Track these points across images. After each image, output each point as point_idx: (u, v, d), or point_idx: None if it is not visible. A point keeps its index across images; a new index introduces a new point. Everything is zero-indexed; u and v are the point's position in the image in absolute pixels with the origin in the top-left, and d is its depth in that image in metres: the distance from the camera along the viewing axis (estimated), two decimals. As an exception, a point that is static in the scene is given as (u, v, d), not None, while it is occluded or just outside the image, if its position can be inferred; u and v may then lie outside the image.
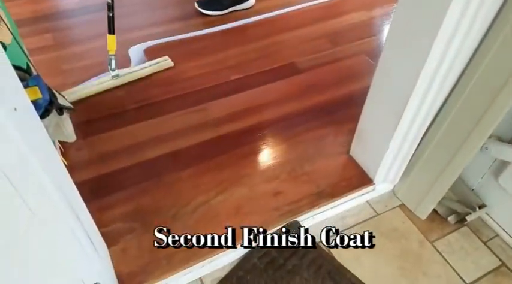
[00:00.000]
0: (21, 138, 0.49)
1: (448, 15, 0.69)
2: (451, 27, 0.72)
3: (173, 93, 1.33)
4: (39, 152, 0.54)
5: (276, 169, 1.14)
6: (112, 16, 1.25)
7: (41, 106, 0.65)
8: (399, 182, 1.12)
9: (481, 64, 0.80)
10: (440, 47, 0.76)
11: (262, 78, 1.42)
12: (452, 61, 0.79)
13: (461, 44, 0.75)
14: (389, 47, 0.88)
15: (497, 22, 0.75)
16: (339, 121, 1.27)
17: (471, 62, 0.82)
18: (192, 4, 1.70)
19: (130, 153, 1.13)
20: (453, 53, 0.77)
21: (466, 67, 0.83)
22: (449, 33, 0.73)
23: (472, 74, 0.82)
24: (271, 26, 1.65)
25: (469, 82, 0.83)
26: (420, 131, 0.96)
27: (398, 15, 0.81)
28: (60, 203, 0.61)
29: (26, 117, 0.53)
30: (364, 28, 1.65)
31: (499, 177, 1.00)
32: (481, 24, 0.74)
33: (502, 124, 0.92)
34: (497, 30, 0.75)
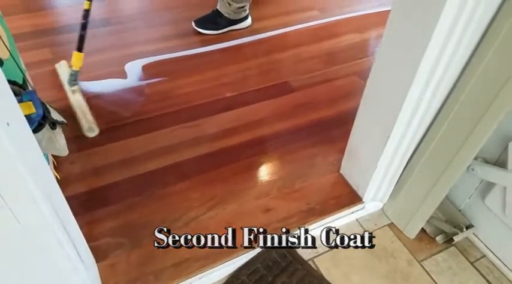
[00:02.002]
0: (13, 151, 0.50)
1: (433, 42, 0.73)
2: (436, 53, 0.75)
3: (168, 108, 1.35)
4: (30, 165, 0.55)
5: (267, 186, 1.15)
6: (83, 35, 1.32)
7: (34, 120, 0.66)
8: (388, 201, 1.14)
9: (466, 87, 0.83)
10: (426, 71, 0.79)
11: (256, 95, 1.45)
12: (438, 85, 0.82)
13: (445, 69, 0.78)
14: (377, 69, 0.91)
15: (480, 46, 0.78)
16: (330, 139, 1.29)
17: (457, 84, 0.85)
18: (189, 23, 1.74)
19: (123, 167, 1.14)
20: (438, 78, 0.80)
21: (452, 90, 0.86)
22: (435, 58, 0.76)
23: (458, 97, 0.85)
24: (266, 45, 1.69)
25: (454, 105, 0.86)
26: (408, 151, 0.98)
27: (387, 37, 0.84)
28: (48, 216, 0.61)
29: (19, 131, 0.54)
30: (357, 50, 1.69)
31: (485, 198, 1.02)
32: (466, 48, 0.77)
33: (487, 146, 0.94)
34: (481, 55, 0.79)
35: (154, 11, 1.85)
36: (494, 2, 0.72)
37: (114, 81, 1.45)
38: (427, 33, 0.72)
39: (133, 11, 1.85)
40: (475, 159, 0.98)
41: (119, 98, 1.38)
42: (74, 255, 0.72)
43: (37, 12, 1.79)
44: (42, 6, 1.84)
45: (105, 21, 1.75)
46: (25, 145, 0.56)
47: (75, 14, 1.78)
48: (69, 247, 0.70)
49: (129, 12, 1.84)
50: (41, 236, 0.62)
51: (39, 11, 1.80)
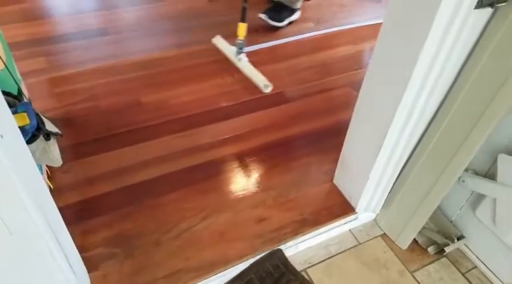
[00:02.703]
0: (6, 162, 0.51)
1: (422, 56, 0.74)
2: (426, 68, 0.77)
3: (163, 118, 1.36)
4: (23, 176, 0.55)
5: (261, 196, 1.15)
6: (245, 7, 1.52)
7: (28, 132, 0.67)
8: (381, 211, 1.15)
9: (456, 99, 0.85)
10: (416, 86, 0.80)
11: (252, 105, 1.46)
12: (428, 99, 0.83)
13: (434, 84, 0.80)
14: (368, 82, 0.93)
15: (466, 67, 0.80)
16: (324, 149, 1.30)
17: (447, 96, 0.87)
18: (186, 33, 1.76)
19: (116, 177, 1.14)
20: (428, 92, 0.81)
21: (442, 102, 0.88)
22: (424, 74, 0.78)
23: (448, 109, 0.87)
24: (261, 56, 1.70)
25: (445, 116, 0.88)
26: (399, 163, 0.99)
27: (378, 52, 0.86)
28: (40, 226, 0.61)
29: (13, 142, 0.55)
30: (351, 61, 1.72)
31: (476, 209, 1.03)
32: (453, 66, 0.79)
33: (478, 159, 0.96)
34: (466, 75, 0.81)
35: (154, 21, 1.86)
36: (482, 18, 0.74)
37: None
38: (416, 47, 0.74)
39: (132, 21, 1.87)
40: (466, 171, 1.00)
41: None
42: (66, 266, 0.72)
43: (33, 21, 1.80)
44: (38, 15, 1.85)
45: (102, 30, 1.76)
46: (19, 157, 0.56)
47: (71, 23, 1.80)
48: (61, 257, 0.70)
49: (127, 22, 1.86)
50: (33, 247, 0.62)
51: (35, 20, 1.81)
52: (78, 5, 1.95)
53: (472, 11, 0.70)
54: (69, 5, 1.94)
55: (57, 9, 1.91)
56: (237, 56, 1.59)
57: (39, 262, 0.65)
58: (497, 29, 0.75)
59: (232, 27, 1.85)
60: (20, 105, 0.67)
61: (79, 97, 1.39)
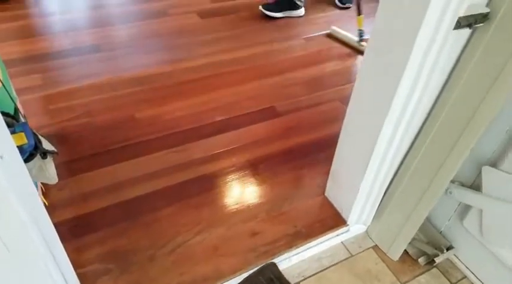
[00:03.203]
0: (5, 183, 0.52)
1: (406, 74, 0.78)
2: (409, 85, 0.81)
3: (157, 133, 1.38)
4: (20, 193, 0.56)
5: (254, 209, 1.17)
6: (359, 1, 1.85)
7: (26, 151, 0.68)
8: (372, 223, 1.17)
9: (440, 116, 0.88)
10: (400, 101, 0.84)
11: (244, 120, 1.49)
12: (412, 114, 0.87)
13: (418, 100, 0.84)
14: (355, 99, 0.96)
15: (448, 85, 0.84)
16: (315, 162, 1.33)
17: (431, 113, 0.90)
18: (179, 49, 1.80)
19: (111, 193, 1.15)
20: (412, 107, 0.85)
21: (427, 118, 0.92)
22: (408, 91, 0.82)
23: (433, 124, 0.90)
24: (253, 72, 1.74)
25: (429, 133, 0.91)
26: (388, 175, 1.02)
27: (363, 69, 0.90)
28: (37, 242, 0.62)
29: (11, 162, 0.56)
30: (338, 77, 1.76)
31: (463, 220, 1.06)
32: (436, 84, 0.83)
33: (463, 171, 0.99)
34: (448, 93, 0.85)
35: (147, 38, 1.90)
36: (461, 38, 0.78)
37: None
38: (399, 67, 0.78)
39: (126, 38, 1.90)
40: (453, 183, 1.03)
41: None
42: (61, 282, 0.73)
43: (27, 38, 1.82)
44: (32, 33, 1.88)
45: (96, 47, 1.79)
46: (17, 176, 0.58)
47: (65, 40, 1.83)
48: (57, 274, 0.71)
49: (121, 39, 1.89)
50: (30, 264, 0.63)
51: (29, 38, 1.83)
52: (72, 23, 1.98)
53: (451, 32, 0.74)
54: (63, 23, 1.97)
55: (51, 27, 1.93)
56: (359, 42, 1.91)
57: (35, 279, 0.66)
58: (476, 48, 0.79)
59: (225, 42, 1.90)
60: (17, 125, 0.69)
61: (73, 114, 1.41)
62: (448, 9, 0.70)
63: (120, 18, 2.04)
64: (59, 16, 2.01)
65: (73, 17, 2.03)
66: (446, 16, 0.71)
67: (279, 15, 2.13)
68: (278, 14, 2.12)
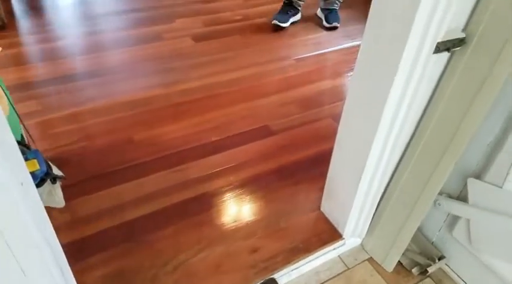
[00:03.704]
0: (23, 209, 0.56)
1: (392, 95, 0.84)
2: (395, 105, 0.87)
3: (155, 154, 1.42)
4: (36, 220, 0.60)
5: (253, 226, 1.21)
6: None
7: (38, 176, 0.72)
8: (366, 236, 1.21)
9: (425, 133, 0.95)
10: (387, 121, 0.90)
11: (239, 139, 1.53)
12: (398, 135, 0.93)
13: (404, 119, 0.90)
14: (345, 117, 1.02)
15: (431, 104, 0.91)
16: (310, 179, 1.38)
17: (416, 131, 0.97)
18: (173, 72, 1.86)
19: (112, 214, 1.18)
20: (398, 127, 0.91)
21: (413, 136, 0.98)
22: (393, 111, 0.88)
23: (419, 141, 0.96)
24: (246, 92, 1.80)
25: (416, 148, 0.97)
26: (379, 190, 1.07)
27: (352, 90, 0.96)
28: (50, 266, 0.65)
29: (28, 189, 0.60)
30: (329, 95, 1.83)
31: (453, 230, 1.11)
32: (420, 102, 0.89)
33: (450, 183, 1.05)
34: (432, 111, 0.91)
35: (142, 62, 1.95)
36: (441, 61, 0.85)
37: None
38: (385, 88, 0.84)
39: (120, 63, 1.95)
40: (441, 195, 1.08)
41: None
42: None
43: (23, 65, 1.86)
44: (29, 59, 1.92)
45: (92, 73, 1.83)
46: (32, 202, 0.61)
47: (61, 66, 1.87)
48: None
49: (116, 64, 1.94)
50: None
51: (24, 65, 1.87)
52: (68, 49, 2.03)
53: (431, 56, 0.81)
54: (59, 49, 2.02)
55: (47, 54, 1.98)
56: None
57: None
58: (455, 70, 0.86)
59: (219, 65, 1.97)
60: (29, 152, 0.73)
61: (73, 138, 1.44)
62: (428, 36, 0.77)
63: (115, 43, 2.10)
64: (55, 43, 2.06)
65: (68, 43, 2.08)
66: (426, 42, 0.78)
67: (287, 25, 2.33)
68: (287, 23, 2.33)
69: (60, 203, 0.86)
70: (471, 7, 0.80)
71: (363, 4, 2.71)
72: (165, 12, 2.39)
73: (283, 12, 2.33)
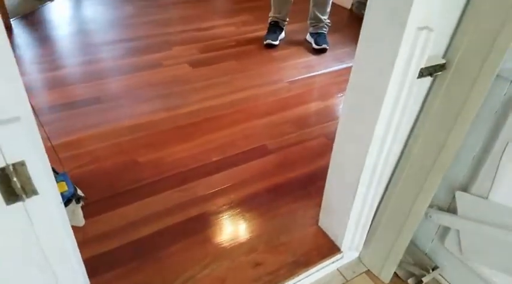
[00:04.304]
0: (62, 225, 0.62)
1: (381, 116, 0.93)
2: (384, 127, 0.95)
3: (160, 175, 1.48)
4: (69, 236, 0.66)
5: (255, 241, 1.26)
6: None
7: (65, 197, 0.78)
8: (363, 249, 1.27)
9: (412, 151, 1.03)
10: (377, 142, 0.98)
11: (239, 158, 1.61)
12: (388, 153, 1.01)
13: (392, 141, 0.98)
14: (339, 137, 1.10)
15: (417, 124, 1.00)
16: (308, 195, 1.45)
17: (405, 149, 1.05)
18: (173, 97, 1.94)
19: (122, 233, 1.23)
20: (387, 149, 0.99)
21: (402, 153, 1.06)
22: (385, 126, 0.96)
23: (407, 160, 1.05)
24: (244, 114, 1.89)
25: (405, 166, 1.06)
26: (373, 203, 1.15)
27: (344, 113, 1.05)
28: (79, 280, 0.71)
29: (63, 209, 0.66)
30: (322, 115, 1.93)
31: (444, 241, 1.18)
32: (407, 124, 0.98)
33: (439, 196, 1.13)
34: (420, 128, 1.00)
35: (143, 88, 2.03)
36: (424, 85, 0.95)
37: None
38: (375, 111, 0.93)
39: (123, 89, 2.02)
40: (431, 207, 1.16)
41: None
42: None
43: (29, 94, 1.92)
44: (33, 88, 1.98)
45: (96, 99, 1.90)
46: (65, 220, 0.67)
47: (66, 93, 1.94)
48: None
49: (118, 90, 2.01)
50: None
51: (29, 93, 1.90)
52: (69, 77, 2.10)
53: (415, 80, 0.90)
54: (61, 78, 2.08)
55: (51, 83, 2.04)
56: None
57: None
58: (438, 92, 0.95)
59: (216, 88, 2.06)
60: (59, 175, 0.79)
61: (81, 162, 1.50)
62: (412, 62, 0.86)
63: (116, 70, 2.18)
64: (57, 72, 2.13)
65: (71, 72, 2.15)
66: (410, 68, 0.87)
67: (278, 42, 2.54)
68: (278, 41, 2.53)
69: (81, 222, 0.91)
70: (449, 36, 0.91)
71: (349, 28, 2.86)
72: (162, 41, 2.50)
73: (272, 32, 2.53)
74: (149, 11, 2.95)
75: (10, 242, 0.58)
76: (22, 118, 0.53)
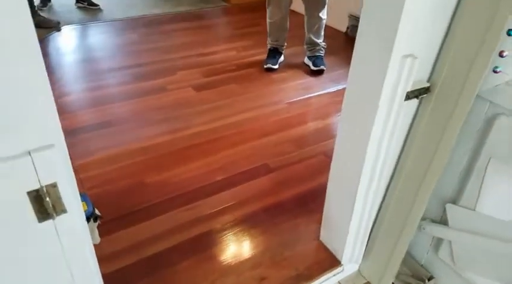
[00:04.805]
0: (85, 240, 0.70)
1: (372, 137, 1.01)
2: (375, 148, 1.03)
3: (167, 195, 1.55)
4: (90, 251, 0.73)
5: (259, 256, 1.32)
6: None
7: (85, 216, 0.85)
8: (362, 262, 1.33)
9: (403, 169, 1.11)
10: (370, 161, 1.06)
11: (242, 177, 1.68)
12: (383, 166, 1.09)
13: (386, 153, 1.06)
14: (336, 156, 1.18)
15: (406, 145, 1.08)
16: (309, 211, 1.52)
17: (398, 164, 1.13)
18: (178, 120, 2.04)
19: (132, 252, 1.29)
20: (382, 159, 1.07)
21: (395, 169, 1.14)
22: (377, 145, 1.04)
23: (399, 176, 1.12)
24: (245, 135, 1.97)
25: (397, 182, 1.13)
26: (370, 217, 1.21)
27: (340, 133, 1.14)
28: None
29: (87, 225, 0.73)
30: (321, 134, 2.02)
31: (438, 252, 1.24)
32: (396, 144, 1.06)
33: (431, 209, 1.19)
34: (409, 146, 1.08)
35: (148, 112, 2.13)
36: (411, 107, 1.04)
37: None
38: (366, 132, 1.01)
39: (129, 114, 2.12)
40: (424, 220, 1.22)
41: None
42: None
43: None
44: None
45: (105, 124, 2.00)
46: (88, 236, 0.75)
47: (75, 119, 2.03)
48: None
49: (125, 115, 2.11)
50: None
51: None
52: (76, 103, 2.20)
53: (403, 103, 0.99)
54: (68, 104, 2.18)
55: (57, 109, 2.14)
56: None
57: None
58: (424, 113, 1.04)
59: (218, 111, 2.16)
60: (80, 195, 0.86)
61: (91, 184, 1.57)
62: (399, 86, 0.95)
63: (122, 96, 2.27)
64: (65, 98, 2.22)
65: (78, 98, 2.25)
66: (397, 91, 0.95)
67: (277, 66, 2.65)
68: (277, 65, 2.65)
69: (97, 240, 0.98)
70: (433, 62, 0.99)
71: (344, 51, 2.99)
72: (166, 66, 2.62)
73: (271, 57, 2.65)
74: (152, 38, 3.10)
75: (40, 255, 0.66)
76: (56, 145, 0.61)
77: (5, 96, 0.53)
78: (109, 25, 3.33)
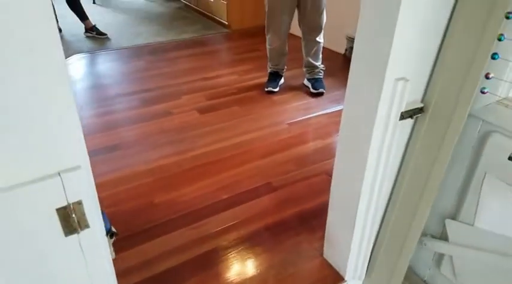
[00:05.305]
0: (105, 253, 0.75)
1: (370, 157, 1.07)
2: (375, 160, 1.09)
3: (174, 214, 1.60)
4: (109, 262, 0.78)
5: (264, 274, 1.36)
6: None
7: (103, 232, 0.90)
8: (366, 278, 1.36)
9: (402, 185, 1.16)
10: (371, 173, 1.11)
11: (246, 196, 1.73)
12: (381, 184, 1.14)
13: (384, 172, 1.12)
14: (336, 175, 1.23)
15: (404, 162, 1.14)
16: (312, 228, 1.55)
17: (396, 182, 1.18)
18: (183, 142, 2.11)
19: (142, 269, 1.33)
20: (380, 178, 1.12)
21: (393, 187, 1.19)
22: (375, 164, 1.10)
23: (397, 193, 1.17)
24: (249, 155, 2.03)
25: (396, 199, 1.18)
26: (372, 234, 1.25)
27: (338, 154, 1.19)
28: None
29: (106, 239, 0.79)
30: (322, 153, 2.07)
31: (440, 267, 1.26)
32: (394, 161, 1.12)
33: (431, 225, 1.22)
34: (406, 165, 1.14)
35: (154, 135, 2.20)
36: (406, 127, 1.10)
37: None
38: (364, 152, 1.06)
39: (136, 137, 2.18)
40: (425, 235, 1.26)
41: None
42: None
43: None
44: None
45: (112, 147, 2.06)
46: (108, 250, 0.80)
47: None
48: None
49: (132, 139, 2.17)
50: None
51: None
52: (85, 128, 2.26)
53: (398, 122, 1.05)
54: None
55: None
56: None
57: None
58: (419, 132, 1.10)
59: (222, 132, 2.23)
60: (97, 213, 0.91)
61: (104, 204, 1.60)
62: (393, 107, 1.01)
63: (129, 120, 2.35)
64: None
65: (87, 123, 2.32)
66: (392, 111, 1.01)
67: (278, 89, 2.74)
68: (278, 88, 2.74)
69: (113, 255, 1.02)
70: (425, 84, 1.05)
71: (343, 72, 3.08)
72: (171, 91, 2.72)
73: (272, 80, 2.74)
74: (158, 64, 3.22)
75: (66, 266, 0.71)
76: (82, 166, 0.67)
77: (42, 123, 0.60)
78: (116, 53, 3.46)
